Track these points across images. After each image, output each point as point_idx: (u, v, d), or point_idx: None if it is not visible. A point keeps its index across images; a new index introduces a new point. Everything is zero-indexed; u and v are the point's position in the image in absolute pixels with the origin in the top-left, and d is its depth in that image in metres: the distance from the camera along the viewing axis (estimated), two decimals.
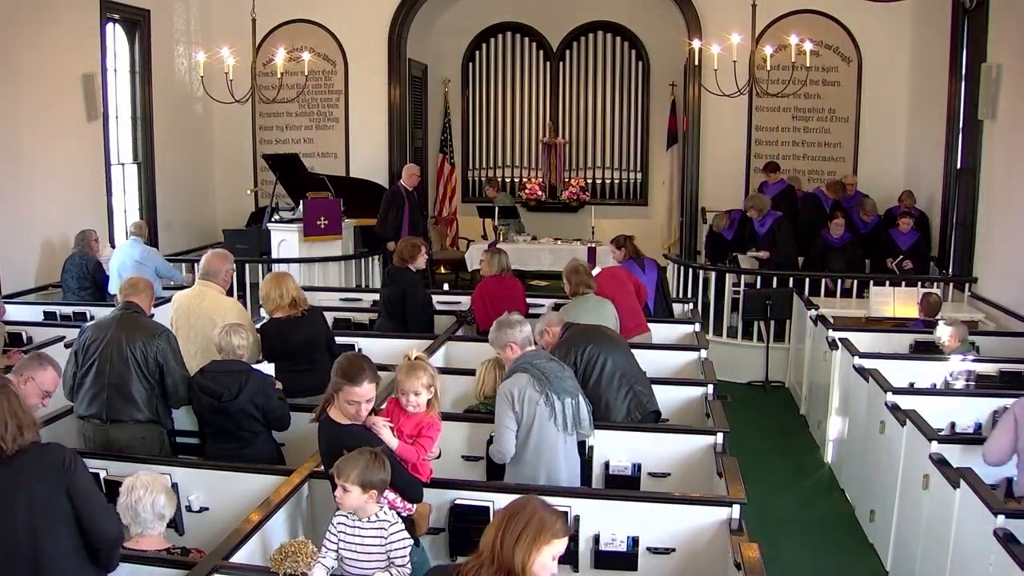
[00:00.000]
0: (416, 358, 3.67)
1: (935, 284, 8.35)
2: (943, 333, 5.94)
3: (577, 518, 3.62)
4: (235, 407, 4.32)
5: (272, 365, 4.83)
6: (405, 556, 3.07)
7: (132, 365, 4.38)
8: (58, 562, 2.69)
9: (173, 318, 5.37)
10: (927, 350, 6.55)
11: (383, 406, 3.80)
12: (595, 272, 6.40)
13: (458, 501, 3.76)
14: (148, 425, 4.41)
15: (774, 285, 8.61)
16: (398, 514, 3.35)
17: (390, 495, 3.37)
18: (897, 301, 7.59)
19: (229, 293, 5.70)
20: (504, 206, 11.70)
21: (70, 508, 2.71)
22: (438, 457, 3.93)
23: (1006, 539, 3.38)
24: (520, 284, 6.79)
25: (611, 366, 4.65)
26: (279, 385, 4.70)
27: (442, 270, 12.23)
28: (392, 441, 3.49)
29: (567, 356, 4.60)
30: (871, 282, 8.30)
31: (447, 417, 4.20)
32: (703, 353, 5.90)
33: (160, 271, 8.11)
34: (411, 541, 3.12)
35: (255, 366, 4.63)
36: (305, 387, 5.06)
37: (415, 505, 3.52)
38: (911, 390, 5.38)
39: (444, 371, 4.67)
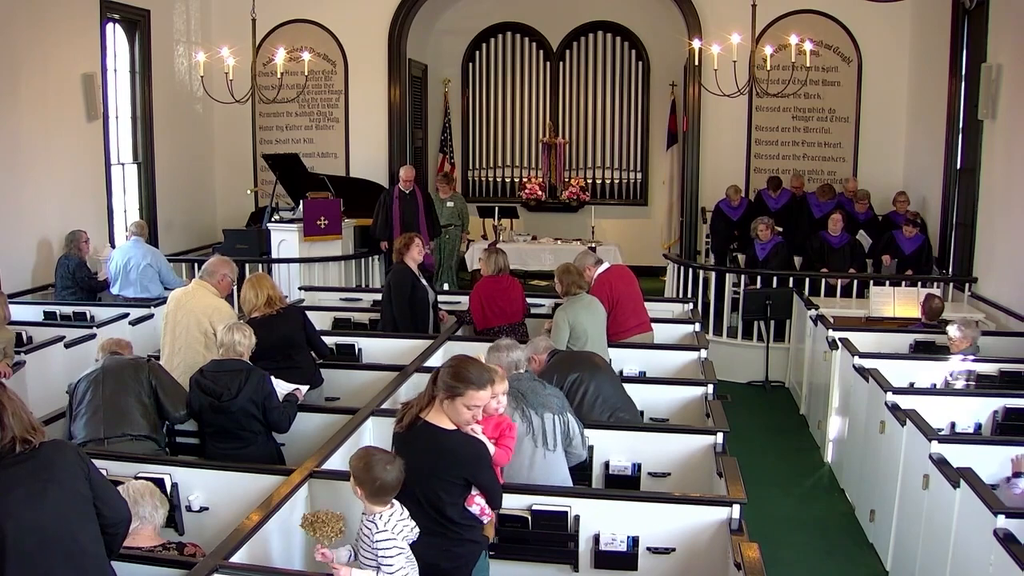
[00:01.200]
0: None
1: (935, 284, 8.35)
2: (955, 333, 5.94)
3: (577, 518, 3.62)
4: (235, 406, 4.32)
5: (306, 387, 4.87)
6: (391, 564, 3.00)
7: (127, 379, 4.40)
8: (91, 547, 2.77)
9: (166, 312, 5.40)
10: (927, 350, 6.56)
11: None
12: (603, 269, 6.37)
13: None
14: (146, 441, 4.38)
15: (774, 285, 8.62)
16: (477, 519, 3.35)
17: (481, 501, 3.36)
18: (897, 301, 7.58)
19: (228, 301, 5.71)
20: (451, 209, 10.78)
21: (91, 494, 2.80)
22: None
23: (1006, 539, 3.38)
24: (519, 284, 6.75)
25: (593, 391, 4.64)
26: (300, 396, 4.74)
27: None
28: (490, 447, 3.49)
29: (550, 383, 4.60)
30: (871, 282, 8.31)
31: None
32: (703, 353, 5.90)
33: (163, 276, 8.07)
34: (398, 551, 3.01)
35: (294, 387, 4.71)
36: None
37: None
38: (911, 390, 5.38)
39: None
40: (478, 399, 3.24)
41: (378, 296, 7.86)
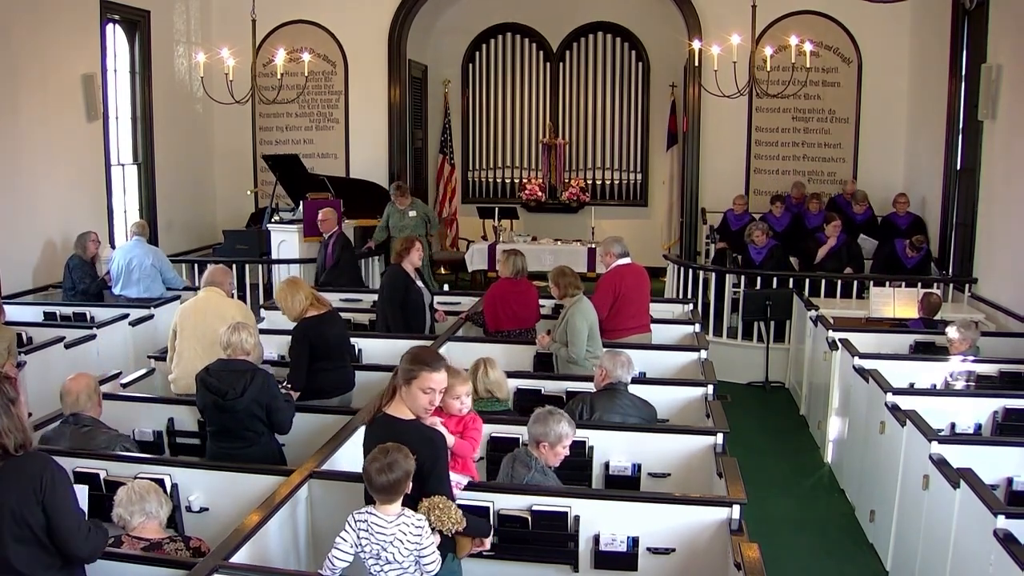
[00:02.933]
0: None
1: (935, 284, 8.35)
2: (954, 335, 5.94)
3: (577, 518, 3.62)
4: (240, 405, 4.32)
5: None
6: (335, 547, 3.11)
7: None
8: (22, 566, 2.77)
9: (177, 323, 5.43)
10: (927, 350, 6.56)
11: None
12: (623, 262, 6.34)
13: (458, 502, 3.73)
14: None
15: (774, 285, 8.62)
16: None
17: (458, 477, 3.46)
18: (897, 301, 7.58)
19: None
20: (405, 220, 9.83)
21: (44, 520, 2.79)
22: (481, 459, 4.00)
23: (1006, 539, 3.38)
24: (535, 289, 6.67)
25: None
26: (294, 397, 4.76)
27: (442, 271, 12.26)
28: (449, 438, 3.54)
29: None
30: (871, 282, 8.31)
31: None
32: (703, 353, 5.90)
33: (166, 276, 8.04)
34: (341, 549, 3.10)
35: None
36: (341, 384, 5.21)
37: None
38: (911, 390, 5.38)
39: None
40: (433, 381, 3.27)
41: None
